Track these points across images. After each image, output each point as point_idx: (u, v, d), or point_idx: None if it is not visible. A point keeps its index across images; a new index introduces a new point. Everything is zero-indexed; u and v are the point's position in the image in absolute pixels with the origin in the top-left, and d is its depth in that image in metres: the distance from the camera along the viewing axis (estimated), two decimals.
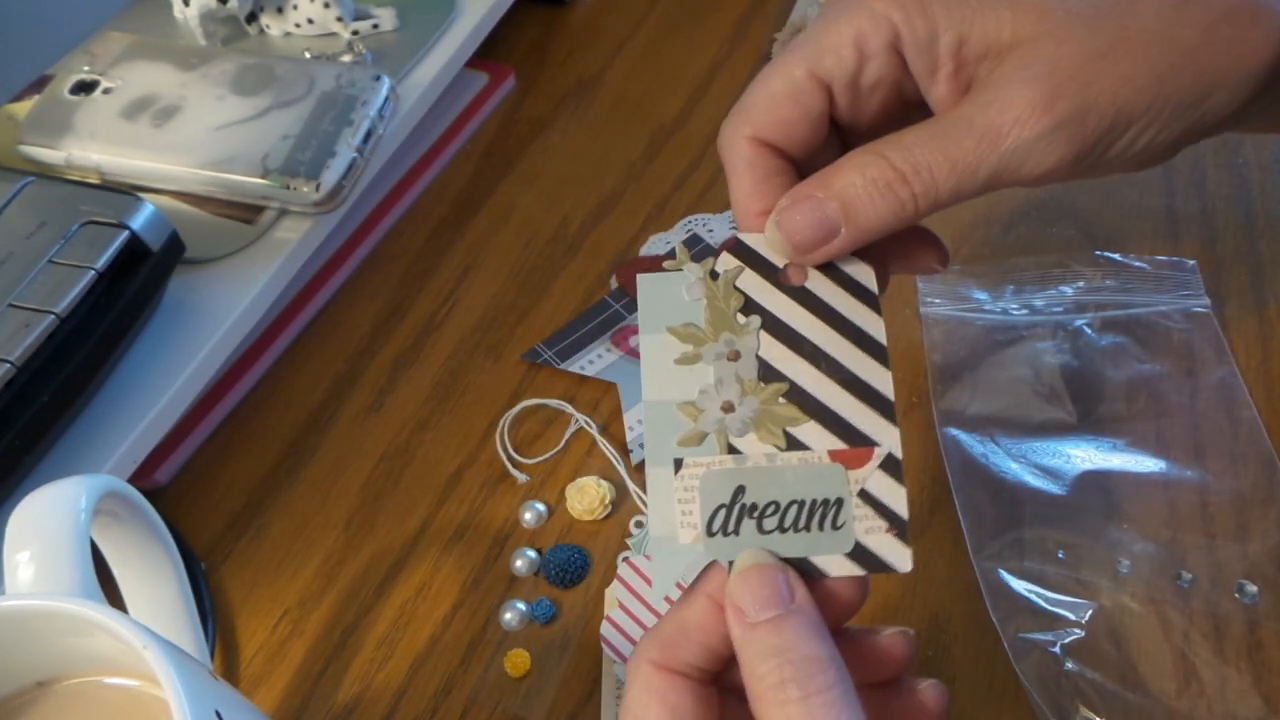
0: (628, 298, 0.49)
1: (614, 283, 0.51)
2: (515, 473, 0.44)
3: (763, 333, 0.28)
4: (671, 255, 0.51)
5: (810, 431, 0.28)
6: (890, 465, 0.28)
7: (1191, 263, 0.47)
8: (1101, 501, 0.40)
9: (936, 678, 0.36)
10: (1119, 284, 0.47)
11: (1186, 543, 0.39)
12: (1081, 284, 0.47)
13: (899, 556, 0.27)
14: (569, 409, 0.46)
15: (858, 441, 0.28)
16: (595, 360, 0.47)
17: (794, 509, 0.27)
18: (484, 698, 0.38)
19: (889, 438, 0.28)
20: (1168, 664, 0.36)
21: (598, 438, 0.45)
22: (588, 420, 0.45)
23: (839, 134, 0.30)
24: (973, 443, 0.42)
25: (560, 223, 0.54)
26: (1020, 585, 0.38)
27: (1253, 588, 0.37)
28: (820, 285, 0.29)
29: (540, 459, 0.44)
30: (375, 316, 0.51)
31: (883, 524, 0.27)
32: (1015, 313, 0.46)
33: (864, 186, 0.27)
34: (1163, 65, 0.26)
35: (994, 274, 0.48)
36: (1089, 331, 0.45)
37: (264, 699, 0.38)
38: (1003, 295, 0.47)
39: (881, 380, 0.28)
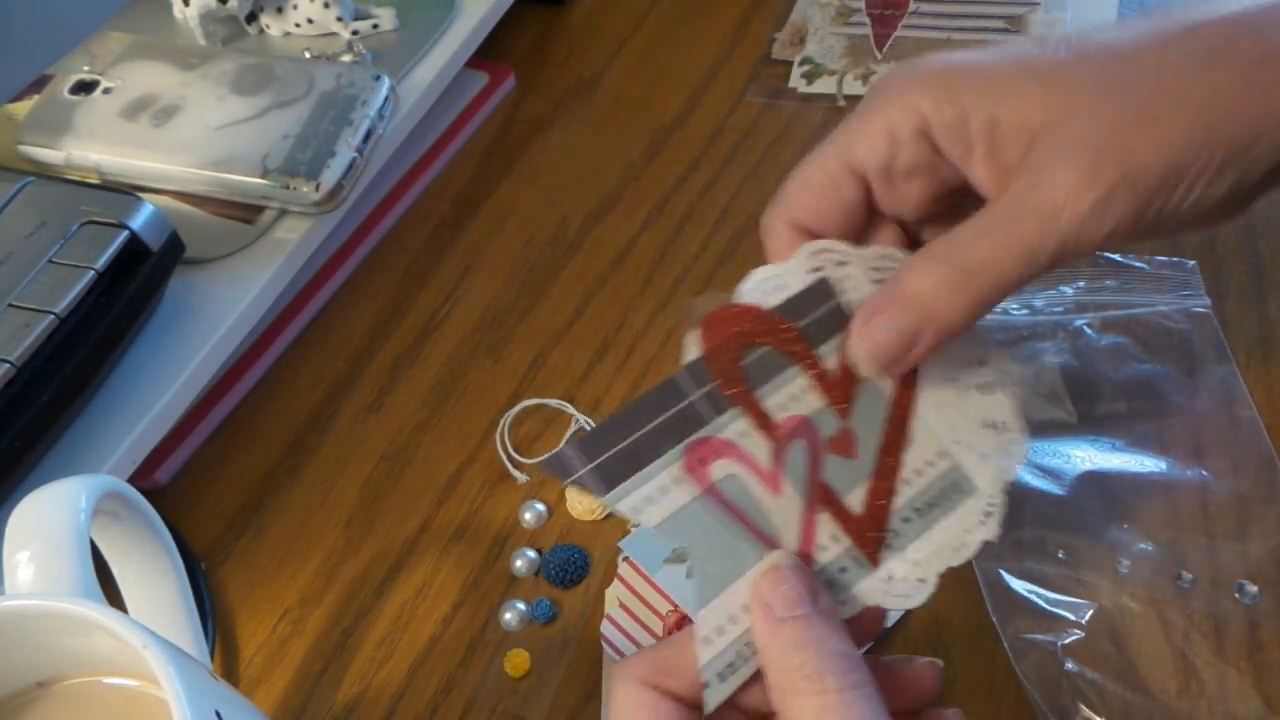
0: (713, 382, 0.27)
1: (693, 349, 0.28)
2: (515, 473, 0.44)
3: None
4: (786, 308, 0.28)
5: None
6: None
7: (1191, 263, 0.47)
8: (1101, 501, 0.40)
9: None
10: (1119, 284, 0.47)
11: (1186, 543, 0.39)
12: (1081, 284, 0.47)
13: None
14: (569, 409, 0.46)
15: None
16: (658, 496, 0.27)
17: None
18: (484, 698, 0.38)
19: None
20: (1168, 664, 0.36)
21: None
22: (588, 420, 0.45)
23: (889, 223, 0.31)
24: None
25: (560, 223, 0.54)
26: (1020, 585, 0.38)
27: (1253, 588, 0.37)
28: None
29: (540, 459, 0.44)
30: (375, 316, 0.51)
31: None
32: (1015, 313, 0.46)
33: (936, 289, 0.26)
34: (1202, 119, 0.25)
35: None
36: (1089, 331, 0.45)
37: (264, 699, 0.38)
38: None
39: None
